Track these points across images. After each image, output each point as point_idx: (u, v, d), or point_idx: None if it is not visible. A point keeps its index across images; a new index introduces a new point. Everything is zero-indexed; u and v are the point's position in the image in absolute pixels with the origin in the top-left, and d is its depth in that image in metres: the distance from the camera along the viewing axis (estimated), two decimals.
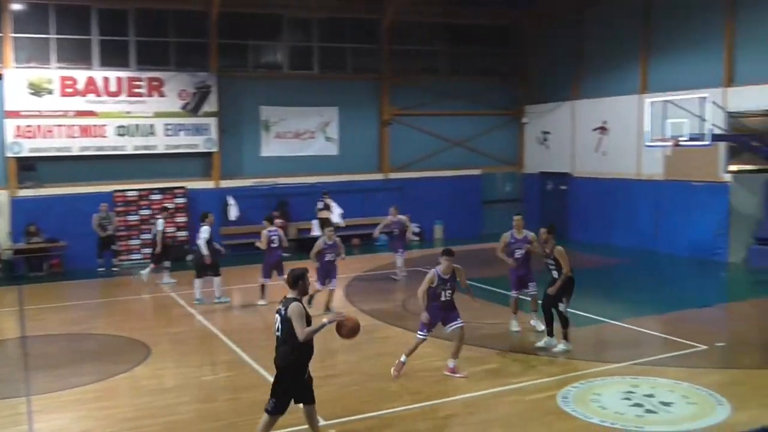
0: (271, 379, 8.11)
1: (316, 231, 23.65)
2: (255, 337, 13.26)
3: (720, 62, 20.44)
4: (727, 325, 13.89)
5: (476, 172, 27.09)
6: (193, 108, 22.59)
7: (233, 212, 22.79)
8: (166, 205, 21.42)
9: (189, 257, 22.12)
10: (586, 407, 9.20)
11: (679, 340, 12.32)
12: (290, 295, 7.87)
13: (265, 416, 7.89)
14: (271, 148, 24.10)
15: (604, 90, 24.23)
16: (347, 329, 8.25)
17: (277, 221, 22.29)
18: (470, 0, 25.83)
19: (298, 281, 7.88)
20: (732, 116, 20.04)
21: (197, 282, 15.98)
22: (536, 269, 13.16)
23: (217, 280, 15.95)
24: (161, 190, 22.38)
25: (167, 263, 18.51)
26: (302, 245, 23.49)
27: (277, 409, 7.86)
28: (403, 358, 10.72)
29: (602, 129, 24.34)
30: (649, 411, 9.09)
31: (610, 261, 20.92)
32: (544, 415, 9.10)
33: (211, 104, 22.78)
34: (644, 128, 19.30)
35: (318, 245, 14.89)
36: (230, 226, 22.75)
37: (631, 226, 23.07)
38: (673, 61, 21.90)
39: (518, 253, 13.01)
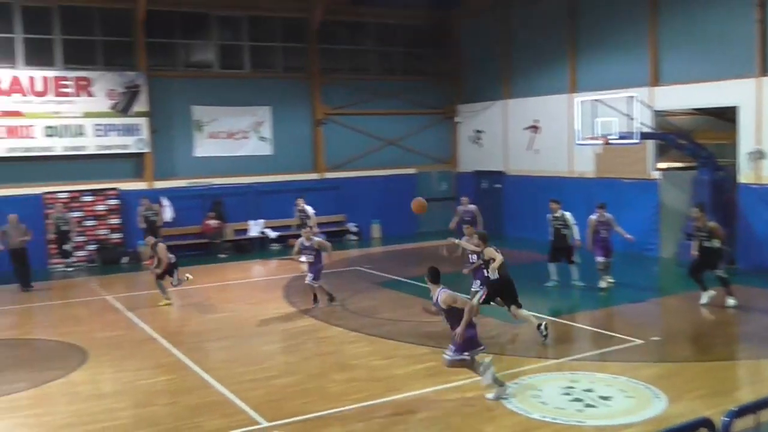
0: (213, 382, 8.01)
1: (252, 231, 23.56)
2: (194, 339, 13.04)
3: (646, 62, 20.88)
4: (662, 319, 14.19)
5: (411, 170, 27.19)
6: (123, 108, 22.15)
7: (168, 213, 22.37)
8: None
9: (124, 259, 21.72)
10: (527, 403, 9.29)
11: (615, 334, 12.55)
12: None
13: None
14: (204, 148, 23.76)
15: (534, 89, 24.57)
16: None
17: (212, 222, 22.11)
18: (399, 0, 25.92)
19: None
20: (659, 115, 20.60)
21: None
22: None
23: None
24: (93, 192, 21.90)
25: None
26: (239, 246, 23.34)
27: None
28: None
29: (534, 128, 24.69)
30: (588, 405, 9.22)
31: (544, 257, 21.17)
32: (486, 411, 9.15)
33: (141, 104, 22.37)
34: (575, 127, 19.68)
35: (297, 245, 15.65)
36: (165, 227, 22.32)
37: None
38: (600, 60, 22.33)
39: None
